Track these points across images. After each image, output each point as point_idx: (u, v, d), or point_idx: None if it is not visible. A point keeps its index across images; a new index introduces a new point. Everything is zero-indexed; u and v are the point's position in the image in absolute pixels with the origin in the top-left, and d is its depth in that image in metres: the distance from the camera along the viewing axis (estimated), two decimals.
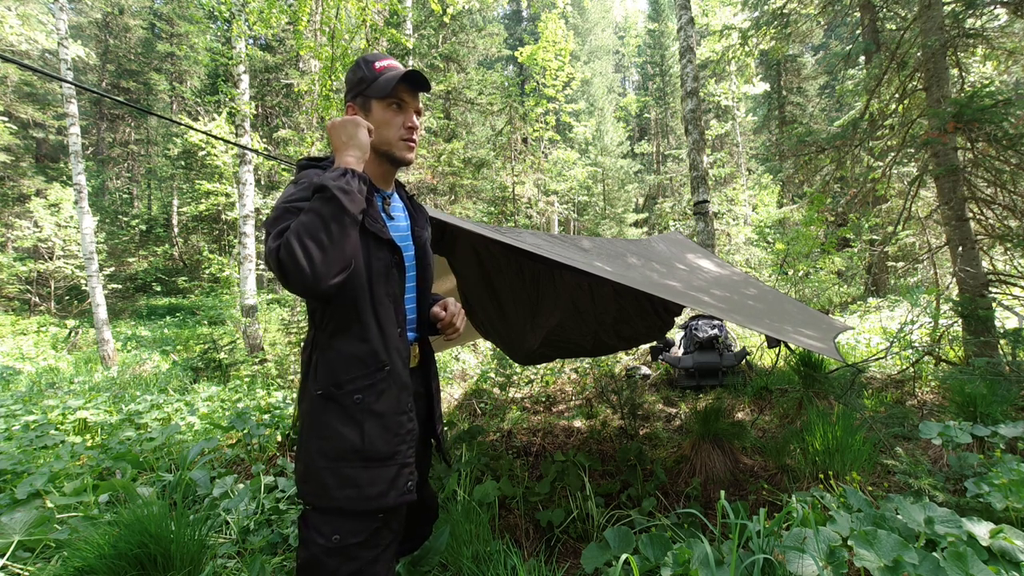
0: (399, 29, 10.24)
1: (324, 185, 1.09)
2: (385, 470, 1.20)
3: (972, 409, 2.93)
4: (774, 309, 2.81)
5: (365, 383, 1.21)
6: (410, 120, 1.32)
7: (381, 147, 1.31)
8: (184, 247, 22.04)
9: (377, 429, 1.20)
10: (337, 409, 1.19)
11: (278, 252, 1.04)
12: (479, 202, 12.77)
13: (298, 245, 1.03)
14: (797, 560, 1.53)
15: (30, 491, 2.49)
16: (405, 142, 1.32)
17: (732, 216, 16.95)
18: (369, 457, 1.19)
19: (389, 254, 1.28)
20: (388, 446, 1.21)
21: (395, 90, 1.28)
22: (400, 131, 1.31)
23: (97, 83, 22.86)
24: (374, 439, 1.19)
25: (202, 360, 8.09)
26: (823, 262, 8.56)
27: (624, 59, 38.71)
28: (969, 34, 4.80)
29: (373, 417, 1.20)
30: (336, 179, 1.11)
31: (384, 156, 1.33)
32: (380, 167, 1.35)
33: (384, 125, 1.30)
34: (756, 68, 16.53)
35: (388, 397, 1.23)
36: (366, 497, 1.18)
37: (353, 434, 1.18)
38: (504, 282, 2.89)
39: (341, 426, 1.18)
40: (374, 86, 1.28)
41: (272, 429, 3.93)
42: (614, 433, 3.99)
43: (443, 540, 2.08)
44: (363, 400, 1.20)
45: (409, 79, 1.29)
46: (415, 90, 1.33)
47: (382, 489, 1.19)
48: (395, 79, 1.27)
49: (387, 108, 1.30)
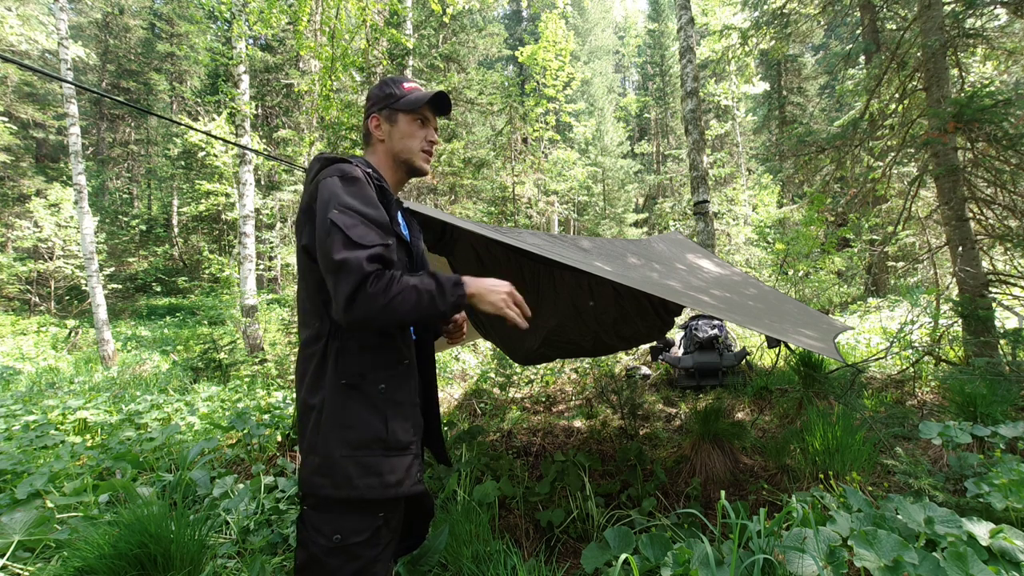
0: (399, 29, 10.23)
1: (453, 303, 1.19)
2: (403, 459, 1.24)
3: (972, 409, 2.93)
4: (774, 309, 2.81)
5: (390, 373, 1.24)
6: (431, 135, 1.43)
7: (403, 155, 1.40)
8: (184, 247, 22.05)
9: (399, 419, 1.24)
10: (361, 398, 1.21)
11: (372, 282, 1.10)
12: (479, 202, 12.77)
13: (386, 311, 1.11)
14: (797, 560, 1.53)
15: (30, 491, 2.49)
16: (424, 154, 1.42)
17: (732, 216, 16.95)
18: (391, 446, 1.22)
19: (406, 256, 1.35)
20: (407, 435, 1.25)
21: (423, 108, 1.40)
22: (422, 143, 1.41)
23: (97, 83, 22.86)
24: (396, 428, 1.23)
25: (202, 360, 8.09)
26: (823, 262, 8.55)
27: (624, 59, 38.71)
28: (969, 34, 4.80)
29: (395, 407, 1.24)
30: (453, 293, 1.19)
31: (403, 164, 1.41)
32: (396, 174, 1.43)
33: (408, 136, 1.39)
34: (756, 68, 16.51)
35: (406, 388, 1.28)
36: (386, 484, 1.20)
37: (378, 423, 1.21)
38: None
39: (366, 415, 1.20)
40: (403, 100, 1.38)
41: (272, 429, 3.93)
42: (614, 433, 3.99)
43: (443, 540, 2.08)
44: (387, 390, 1.23)
45: (436, 101, 1.40)
46: (438, 112, 1.44)
47: (400, 477, 1.22)
48: (425, 98, 1.38)
49: (412, 122, 1.40)
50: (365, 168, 1.30)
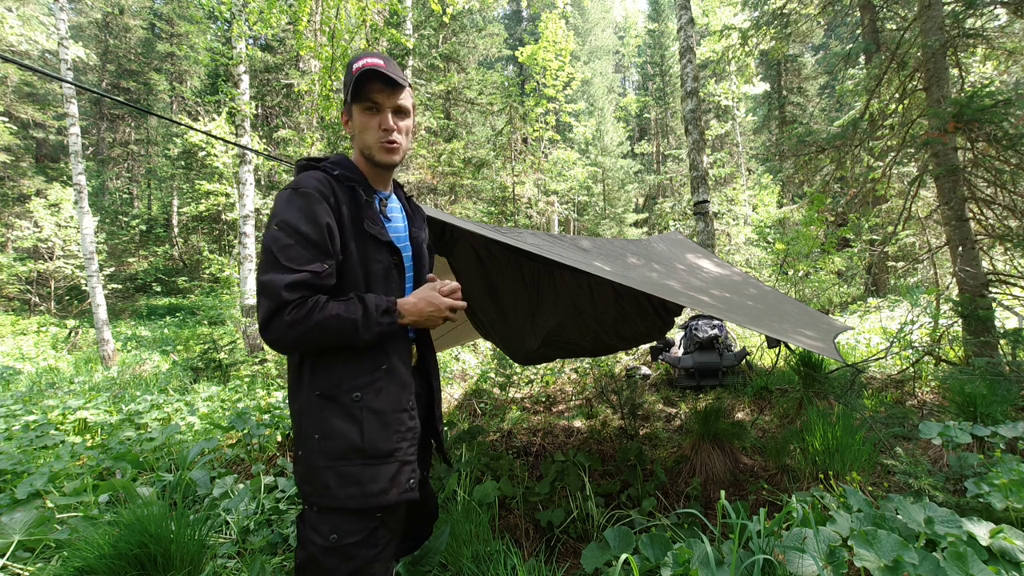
0: (399, 29, 10.23)
1: (378, 332, 1.18)
2: (386, 467, 1.20)
3: (972, 409, 2.93)
4: (774, 309, 2.81)
5: (364, 381, 1.21)
6: (385, 122, 1.26)
7: (365, 151, 1.30)
8: (184, 247, 22.04)
9: (377, 427, 1.20)
10: (336, 408, 1.19)
11: (291, 311, 1.11)
12: (479, 202, 12.77)
13: (302, 341, 1.14)
14: (797, 560, 1.53)
15: (30, 491, 2.49)
16: (383, 145, 1.27)
17: (732, 216, 16.94)
18: (369, 455, 1.19)
19: (388, 256, 1.29)
20: (388, 443, 1.21)
21: (365, 92, 1.24)
22: (377, 133, 1.27)
23: (97, 83, 22.86)
24: (373, 436, 1.19)
25: (202, 360, 8.08)
26: (823, 262, 8.55)
27: (624, 59, 38.69)
28: (969, 34, 4.80)
29: (372, 415, 1.20)
30: (379, 322, 1.18)
31: (369, 159, 1.31)
32: (371, 169, 1.33)
33: (362, 129, 1.28)
34: (756, 68, 16.51)
35: (387, 395, 1.23)
36: (368, 494, 1.18)
37: (353, 432, 1.18)
38: (504, 282, 2.89)
39: (341, 424, 1.18)
40: (350, 91, 1.25)
41: (272, 429, 3.93)
42: (614, 433, 3.99)
43: (443, 540, 2.08)
44: (361, 398, 1.20)
45: (367, 77, 1.22)
46: (386, 87, 1.25)
47: (384, 486, 1.19)
48: (351, 84, 1.23)
49: (363, 112, 1.27)
50: (341, 171, 1.27)
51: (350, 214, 1.24)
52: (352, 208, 1.25)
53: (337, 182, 1.25)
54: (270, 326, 1.12)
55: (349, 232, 1.23)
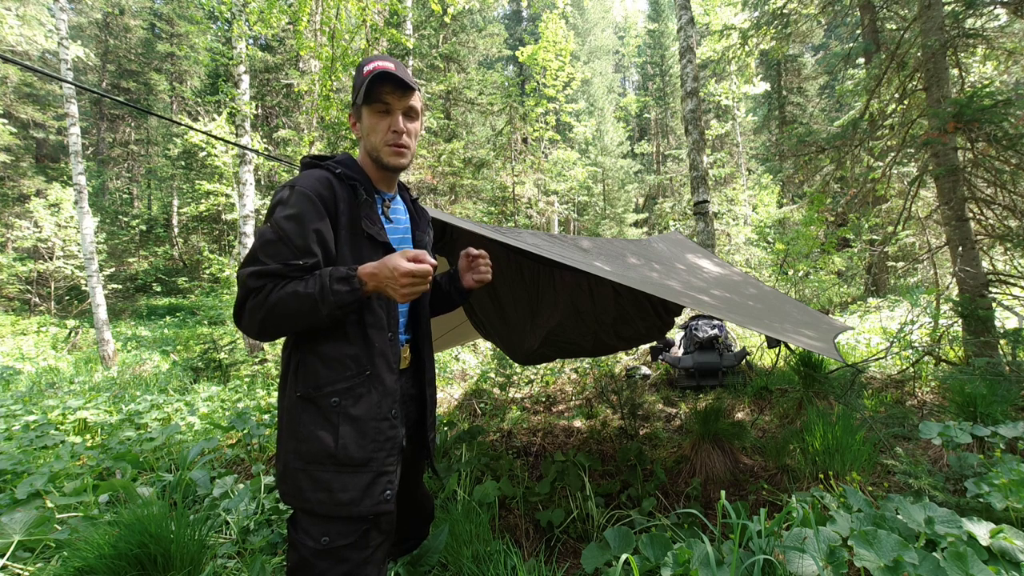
0: (399, 29, 10.23)
1: (335, 302, 1.11)
2: (358, 477, 1.17)
3: (972, 409, 2.93)
4: (774, 309, 2.81)
5: (343, 386, 1.19)
6: (395, 124, 1.26)
7: (372, 152, 1.29)
8: (184, 247, 22.04)
9: (352, 434, 1.17)
10: (314, 411, 1.18)
11: (252, 297, 1.13)
12: (479, 202, 12.77)
13: (265, 324, 1.14)
14: (797, 560, 1.53)
15: (30, 491, 2.49)
16: (391, 147, 1.27)
17: (732, 216, 16.94)
18: (342, 462, 1.16)
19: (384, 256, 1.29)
20: (362, 452, 1.18)
21: (376, 94, 1.24)
22: (386, 135, 1.27)
23: (97, 83, 22.86)
24: (348, 444, 1.17)
25: (202, 360, 8.09)
26: (823, 262, 8.56)
27: (624, 59, 38.69)
28: (969, 34, 4.80)
29: (349, 421, 1.18)
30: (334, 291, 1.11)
31: (375, 161, 1.31)
32: (377, 171, 1.33)
33: (371, 131, 1.28)
34: (756, 68, 16.52)
35: (367, 402, 1.20)
36: (336, 502, 1.16)
37: (327, 437, 1.16)
38: (504, 282, 2.89)
39: (316, 428, 1.17)
40: (361, 92, 1.25)
41: (272, 429, 3.93)
42: (614, 433, 3.99)
43: (442, 539, 2.08)
44: (340, 403, 1.18)
45: (379, 80, 1.22)
46: (397, 90, 1.25)
47: (354, 496, 1.17)
48: (363, 86, 1.23)
49: (373, 113, 1.27)
50: (343, 169, 1.27)
51: (348, 212, 1.24)
52: (351, 207, 1.25)
53: (339, 180, 1.25)
54: (241, 314, 1.16)
55: (345, 230, 1.23)
